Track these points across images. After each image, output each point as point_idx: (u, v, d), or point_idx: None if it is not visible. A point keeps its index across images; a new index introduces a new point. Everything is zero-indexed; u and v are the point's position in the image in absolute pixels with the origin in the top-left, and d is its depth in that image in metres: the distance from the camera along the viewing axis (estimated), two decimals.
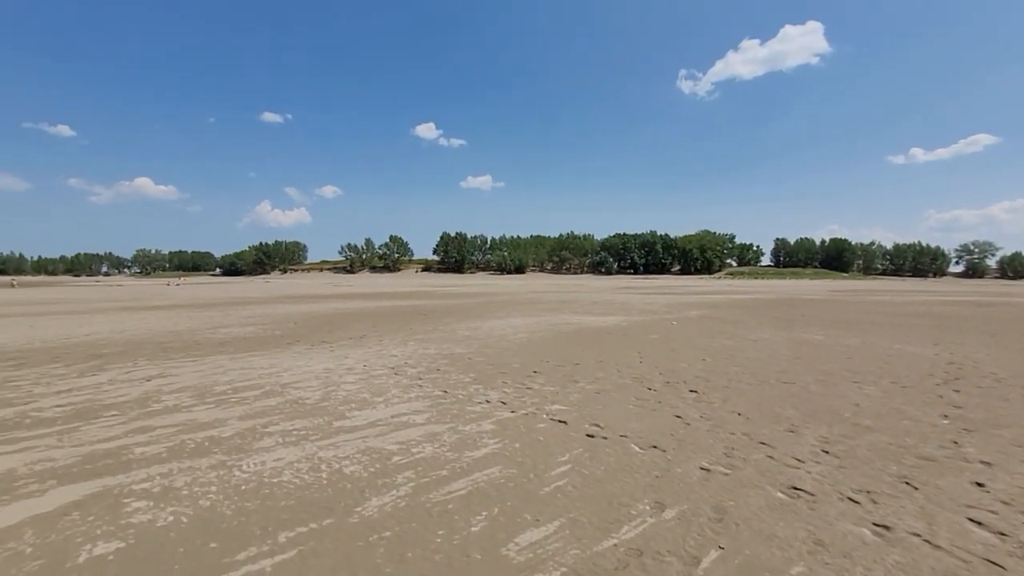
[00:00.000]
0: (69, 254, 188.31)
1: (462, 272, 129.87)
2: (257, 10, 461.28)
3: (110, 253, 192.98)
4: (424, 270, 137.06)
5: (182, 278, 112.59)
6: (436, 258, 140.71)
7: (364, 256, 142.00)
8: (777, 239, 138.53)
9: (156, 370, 7.26)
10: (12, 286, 57.58)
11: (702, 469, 3.60)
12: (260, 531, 2.71)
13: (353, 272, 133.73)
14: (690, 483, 3.36)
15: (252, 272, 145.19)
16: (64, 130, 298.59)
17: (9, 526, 2.75)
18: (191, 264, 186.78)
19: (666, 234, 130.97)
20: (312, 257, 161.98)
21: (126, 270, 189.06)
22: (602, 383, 6.42)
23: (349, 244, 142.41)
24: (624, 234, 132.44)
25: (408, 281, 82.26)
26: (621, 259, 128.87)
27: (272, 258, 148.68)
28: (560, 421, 4.75)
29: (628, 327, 12.96)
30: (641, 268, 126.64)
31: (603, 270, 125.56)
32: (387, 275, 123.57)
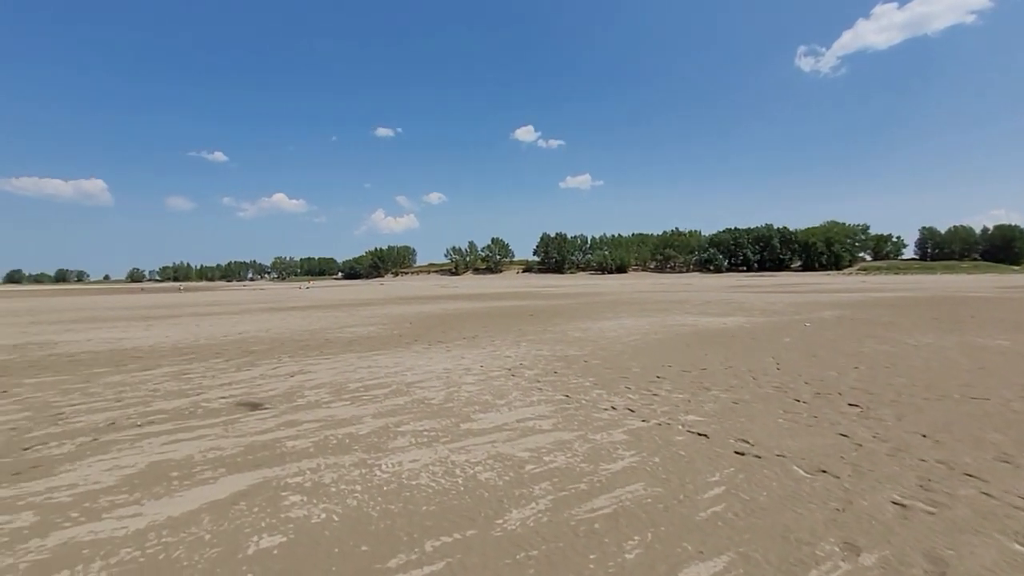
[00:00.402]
0: (223, 262, 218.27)
1: (562, 272, 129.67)
2: (369, 30, 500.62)
3: (254, 261, 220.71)
4: (525, 271, 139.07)
5: (311, 282, 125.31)
6: (536, 259, 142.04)
7: (468, 258, 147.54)
8: (923, 228, 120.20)
9: (297, 367, 7.91)
10: (179, 291, 69.67)
11: (896, 504, 2.98)
12: (407, 537, 2.67)
13: (458, 274, 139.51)
14: (884, 521, 2.78)
15: (368, 275, 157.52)
16: (219, 156, 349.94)
17: (190, 511, 3.00)
18: (317, 269, 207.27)
19: (784, 227, 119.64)
20: (420, 260, 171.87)
21: (266, 275, 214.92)
22: (738, 392, 5.80)
23: (453, 247, 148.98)
24: (735, 229, 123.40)
25: (510, 282, 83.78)
26: (732, 256, 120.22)
27: (385, 262, 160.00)
28: (700, 434, 4.29)
29: (753, 329, 11.82)
30: (755, 265, 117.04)
31: (711, 268, 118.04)
32: (489, 276, 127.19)
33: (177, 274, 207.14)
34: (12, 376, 7.57)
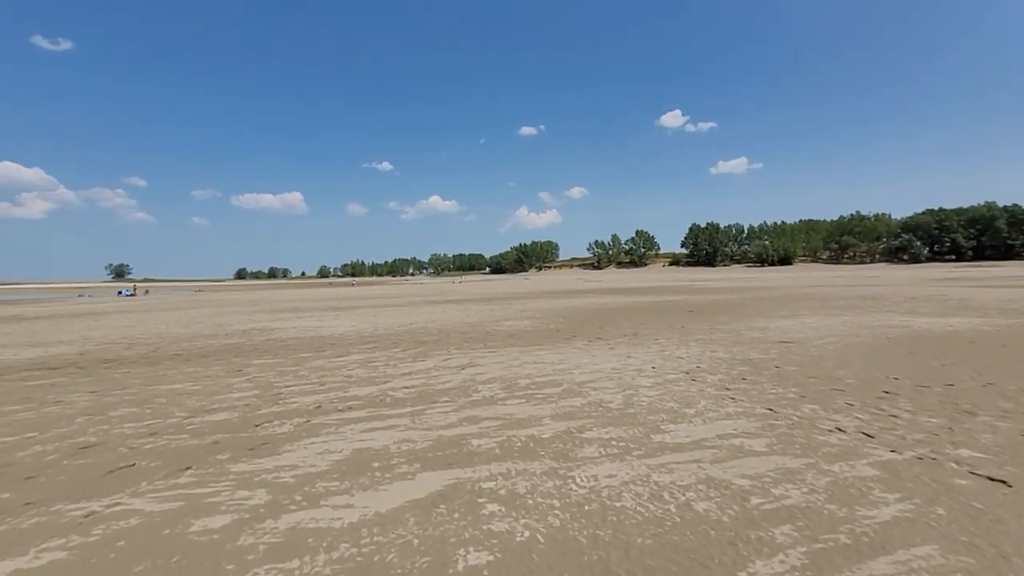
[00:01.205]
0: (389, 259, 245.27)
1: (714, 265, 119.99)
2: (512, 36, 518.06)
3: (414, 258, 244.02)
4: (671, 264, 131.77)
5: (462, 277, 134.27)
6: (684, 251, 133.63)
7: (610, 252, 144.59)
8: None
9: (466, 359, 8.11)
10: (352, 285, 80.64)
11: None
12: None
13: (600, 268, 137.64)
14: None
15: (513, 270, 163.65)
16: (386, 165, 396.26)
17: (395, 508, 2.98)
18: (468, 265, 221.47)
19: (1015, 205, 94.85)
20: (562, 255, 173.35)
21: (424, 271, 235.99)
22: (1022, 420, 4.34)
23: (596, 241, 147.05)
24: (940, 209, 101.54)
25: (656, 276, 80.00)
26: (935, 242, 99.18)
27: (529, 257, 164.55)
28: (993, 479, 3.19)
29: (999, 333, 9.22)
30: (968, 253, 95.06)
31: (904, 257, 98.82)
32: (633, 270, 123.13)
33: (354, 270, 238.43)
34: (244, 357, 8.99)
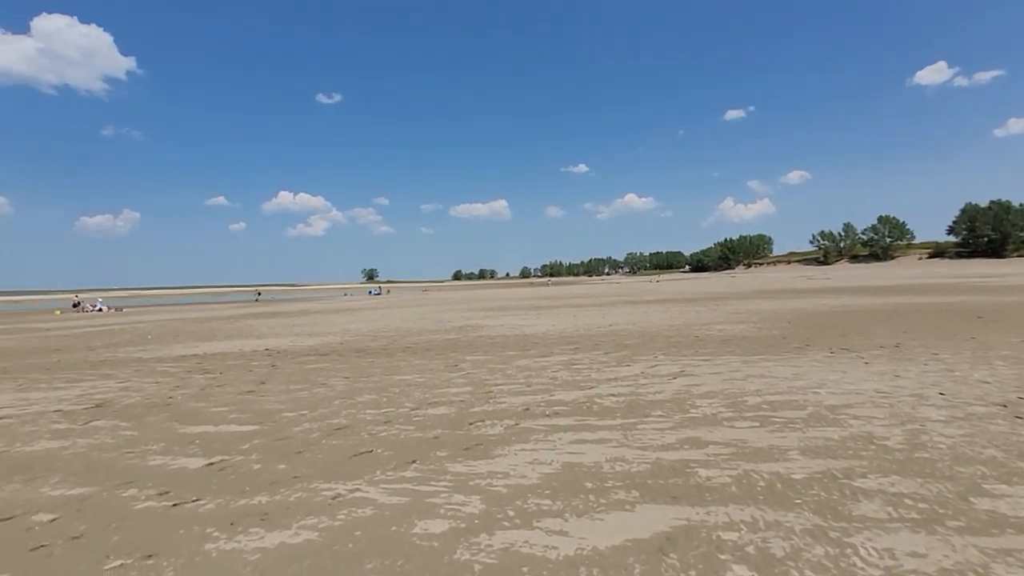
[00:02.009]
0: (585, 259, 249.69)
1: (1001, 256, 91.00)
2: (720, 18, 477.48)
3: (609, 257, 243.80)
4: (932, 256, 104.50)
5: (659, 276, 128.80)
6: (953, 239, 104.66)
7: (842, 244, 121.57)
8: None
9: (675, 366, 7.32)
10: (547, 285, 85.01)
11: None
12: None
13: (827, 263, 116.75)
14: None
15: (717, 268, 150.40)
16: (582, 167, 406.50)
17: (615, 547, 2.57)
18: (665, 263, 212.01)
19: None
20: (777, 250, 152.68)
21: (619, 270, 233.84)
22: None
23: (822, 232, 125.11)
24: None
25: (909, 271, 64.45)
26: None
27: (736, 253, 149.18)
28: None
29: None
30: None
31: None
32: (874, 265, 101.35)
33: (552, 270, 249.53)
34: (460, 352, 9.74)
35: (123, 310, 37.88)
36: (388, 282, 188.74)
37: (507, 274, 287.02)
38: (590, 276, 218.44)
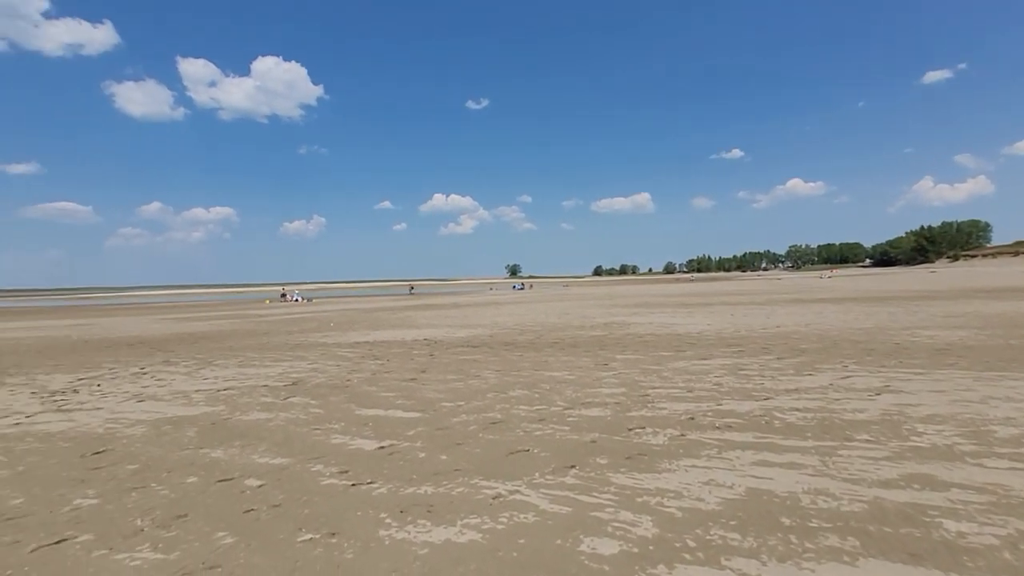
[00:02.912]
0: (738, 253, 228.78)
1: None
2: None
3: (767, 251, 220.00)
4: None
5: (832, 270, 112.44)
6: None
7: None
8: None
9: (876, 379, 6.06)
10: (691, 281, 79.38)
11: None
12: None
13: None
14: None
15: (909, 261, 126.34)
16: (736, 153, 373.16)
17: None
18: (838, 256, 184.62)
19: None
20: (999, 238, 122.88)
21: (780, 264, 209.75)
22: None
23: None
24: None
25: None
26: None
27: (936, 243, 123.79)
28: None
29: None
30: None
31: None
32: None
33: (700, 265, 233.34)
34: (608, 351, 9.37)
35: (312, 300, 44.50)
36: (530, 277, 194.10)
37: (649, 269, 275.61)
38: (743, 271, 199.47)
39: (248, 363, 9.31)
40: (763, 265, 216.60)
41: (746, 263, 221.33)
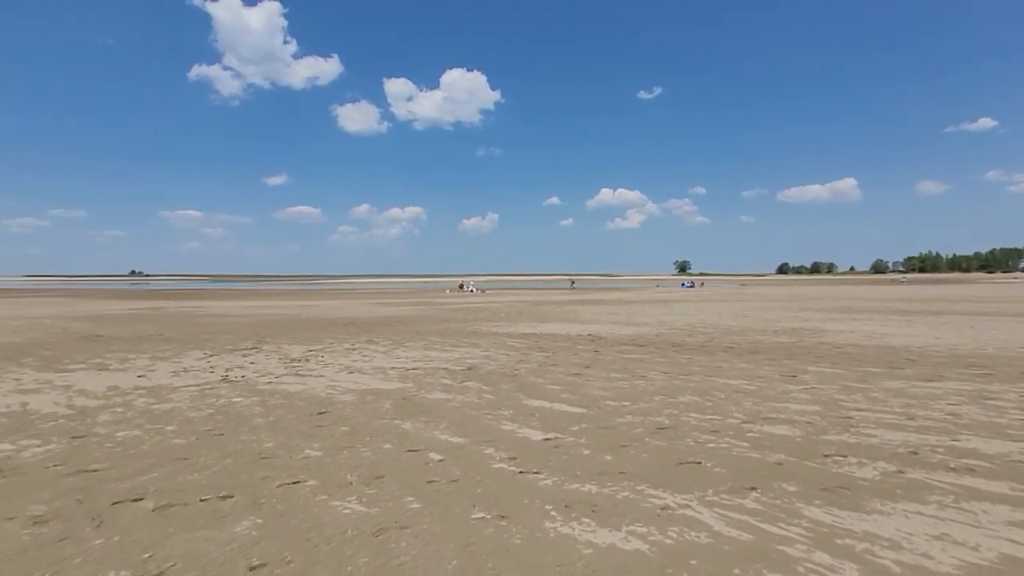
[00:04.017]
0: (982, 249, 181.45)
1: None
2: None
3: None
4: None
5: None
6: None
7: None
8: None
9: None
10: (902, 282, 65.02)
11: None
12: None
13: None
14: None
15: None
16: (985, 123, 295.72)
17: None
18: None
19: None
20: None
21: None
22: None
23: None
24: None
25: None
26: None
27: None
28: None
29: None
30: None
31: None
32: None
33: (923, 264, 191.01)
34: (797, 360, 8.23)
35: (485, 291, 47.95)
36: (700, 274, 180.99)
37: (851, 268, 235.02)
38: (990, 272, 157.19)
39: (431, 346, 10.41)
40: (1021, 265, 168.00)
41: (995, 262, 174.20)
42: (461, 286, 54.50)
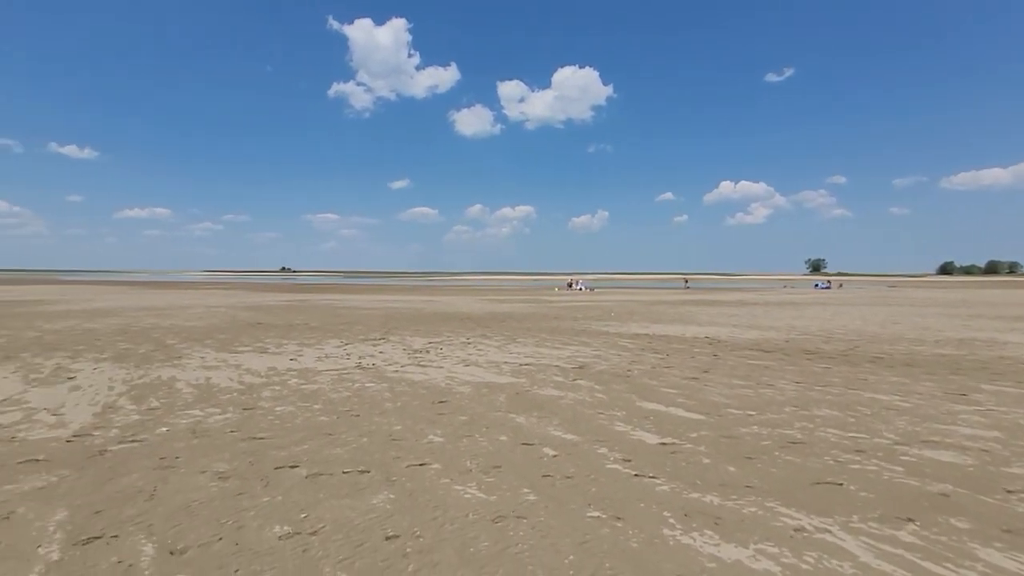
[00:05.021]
0: None
1: None
2: None
3: None
4: None
5: None
6: None
7: None
8: None
9: None
10: None
11: None
12: None
13: None
14: None
15: None
16: None
17: None
18: None
19: None
20: None
21: None
22: None
23: None
24: None
25: None
26: None
27: None
28: None
29: None
30: None
31: None
32: None
33: None
34: (965, 376, 7.02)
35: (594, 290, 47.39)
36: (838, 275, 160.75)
37: None
38: None
39: (542, 343, 10.56)
40: None
41: None
42: (570, 284, 54.40)
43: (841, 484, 3.44)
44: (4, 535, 2.76)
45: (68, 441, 4.33)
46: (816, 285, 62.30)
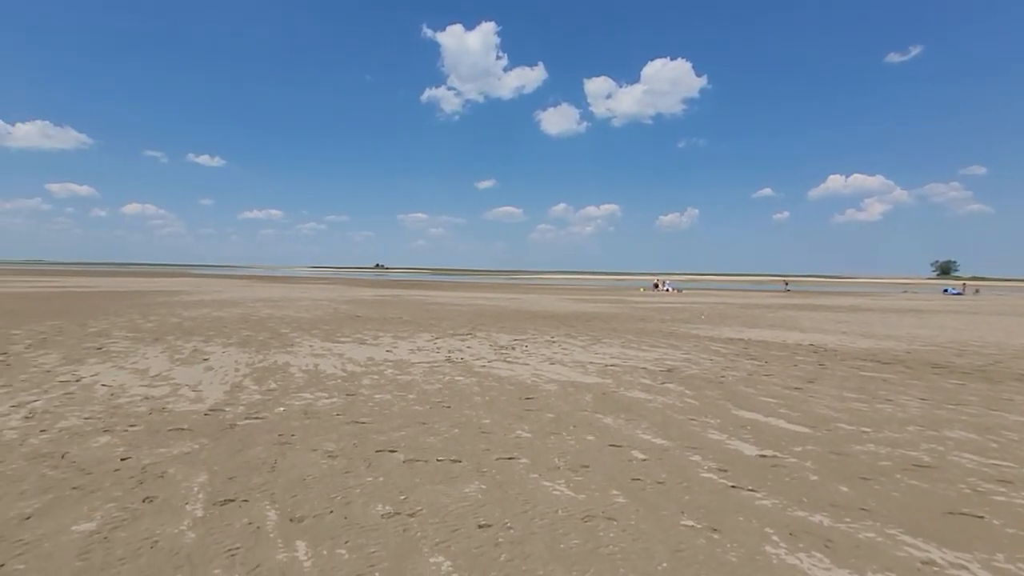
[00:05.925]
0: None
1: None
2: None
3: None
4: None
5: None
6: None
7: None
8: None
9: None
10: None
11: None
12: None
13: None
14: None
15: None
16: None
17: None
18: None
19: None
20: None
21: None
22: None
23: None
24: None
25: None
26: None
27: None
28: None
29: None
30: None
31: None
32: None
33: None
34: None
35: (682, 291, 45.41)
36: (973, 278, 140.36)
37: None
38: None
39: (628, 345, 10.32)
40: None
41: None
42: (656, 285, 52.55)
43: (982, 517, 3.03)
44: (160, 490, 3.22)
45: (205, 414, 4.96)
46: (946, 290, 54.93)
